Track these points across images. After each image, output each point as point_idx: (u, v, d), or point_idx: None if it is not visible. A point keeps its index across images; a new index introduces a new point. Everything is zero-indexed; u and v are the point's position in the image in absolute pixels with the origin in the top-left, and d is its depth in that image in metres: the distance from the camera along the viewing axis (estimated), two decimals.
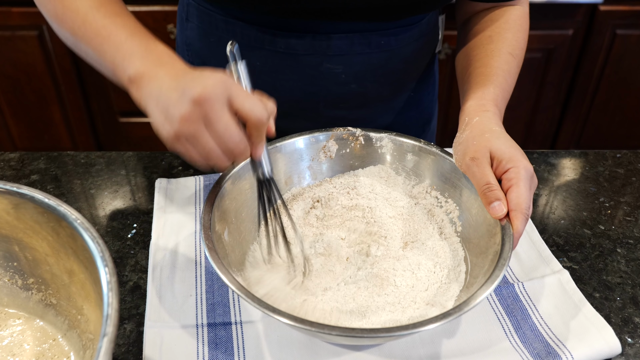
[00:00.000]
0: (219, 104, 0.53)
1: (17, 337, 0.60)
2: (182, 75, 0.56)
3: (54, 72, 1.83)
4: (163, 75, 0.56)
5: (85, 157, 0.93)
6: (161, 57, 0.59)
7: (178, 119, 0.53)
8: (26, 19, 1.71)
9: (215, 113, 0.53)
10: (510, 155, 0.64)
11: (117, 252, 0.75)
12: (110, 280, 0.48)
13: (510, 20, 0.82)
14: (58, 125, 1.96)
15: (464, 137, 0.69)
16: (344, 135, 0.77)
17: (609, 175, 0.92)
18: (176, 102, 0.53)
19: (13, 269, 0.61)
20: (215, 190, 0.67)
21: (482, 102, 0.72)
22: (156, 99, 0.55)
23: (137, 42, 0.61)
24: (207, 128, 0.53)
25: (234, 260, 0.65)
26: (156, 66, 0.58)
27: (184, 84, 0.54)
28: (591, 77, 1.88)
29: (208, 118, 0.53)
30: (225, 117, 0.53)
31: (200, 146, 0.54)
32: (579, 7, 1.73)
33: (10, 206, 0.56)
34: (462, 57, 0.84)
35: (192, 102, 0.52)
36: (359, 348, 0.63)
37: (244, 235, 0.70)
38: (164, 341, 0.63)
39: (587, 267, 0.75)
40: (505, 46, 0.79)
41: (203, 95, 0.52)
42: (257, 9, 0.76)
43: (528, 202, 0.62)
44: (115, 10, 0.65)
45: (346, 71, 0.83)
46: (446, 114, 1.92)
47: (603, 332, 0.64)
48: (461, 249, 0.68)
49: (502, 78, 0.75)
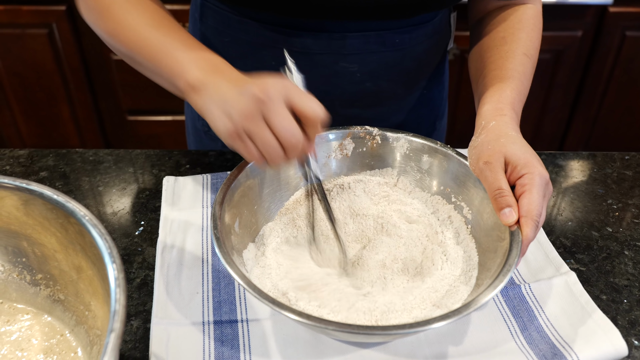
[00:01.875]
0: (278, 100, 0.56)
1: (26, 332, 0.60)
2: (241, 79, 0.59)
3: (63, 70, 1.84)
4: (221, 81, 0.60)
5: (93, 155, 0.93)
6: (218, 65, 0.63)
7: (239, 115, 0.56)
8: (36, 17, 1.72)
9: (275, 108, 0.56)
10: (526, 161, 0.63)
11: (125, 249, 0.76)
12: (118, 276, 0.48)
13: (524, 20, 0.81)
14: (66, 123, 1.97)
15: (479, 141, 0.69)
16: (361, 134, 0.77)
17: (617, 177, 0.92)
18: (237, 100, 0.56)
19: (22, 265, 0.62)
20: (229, 182, 0.68)
21: (499, 106, 0.71)
22: (217, 101, 0.59)
23: (194, 53, 0.64)
24: (267, 123, 0.56)
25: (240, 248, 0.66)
26: (214, 73, 0.61)
27: (243, 84, 0.57)
28: (600, 78, 1.87)
29: (267, 113, 0.56)
30: (284, 112, 0.56)
31: (260, 141, 0.57)
32: (588, 8, 1.73)
33: (19, 202, 0.57)
34: (476, 59, 0.83)
35: (252, 99, 0.56)
36: (364, 346, 0.63)
37: (255, 228, 0.71)
38: (170, 338, 0.63)
39: (595, 269, 0.75)
40: (520, 47, 0.78)
41: (262, 92, 0.55)
42: (272, 9, 0.76)
43: (539, 209, 0.61)
44: (167, 25, 0.68)
45: (361, 70, 0.83)
46: (454, 114, 1.91)
47: (610, 335, 0.64)
48: (475, 255, 0.68)
49: (518, 80, 0.75)
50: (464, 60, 1.80)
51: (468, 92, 1.86)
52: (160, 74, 0.66)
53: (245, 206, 0.70)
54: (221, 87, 0.59)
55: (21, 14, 1.72)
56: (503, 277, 0.57)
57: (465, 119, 1.92)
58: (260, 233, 0.72)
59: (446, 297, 0.63)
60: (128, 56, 0.70)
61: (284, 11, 0.76)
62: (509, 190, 0.63)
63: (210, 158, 0.92)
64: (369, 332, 0.53)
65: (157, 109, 1.94)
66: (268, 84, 0.56)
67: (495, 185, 0.64)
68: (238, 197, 0.69)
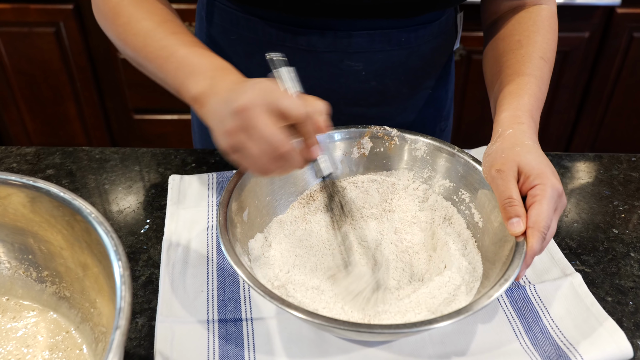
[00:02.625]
0: (257, 111, 0.54)
1: (31, 329, 0.61)
2: (235, 88, 0.58)
3: (70, 69, 1.84)
4: (220, 90, 0.59)
5: (100, 153, 0.93)
6: (220, 70, 0.62)
7: (227, 132, 0.56)
8: (43, 16, 1.73)
9: (253, 120, 0.54)
10: (539, 171, 0.62)
11: (130, 247, 0.76)
12: (123, 273, 0.49)
13: (539, 22, 0.80)
14: (73, 121, 1.97)
15: (494, 149, 0.67)
16: (380, 134, 0.77)
17: (623, 178, 0.91)
18: (224, 117, 0.56)
19: (28, 262, 0.62)
20: (239, 176, 0.69)
21: (517, 114, 0.70)
22: (212, 116, 0.59)
23: (197, 59, 0.64)
24: (250, 136, 0.55)
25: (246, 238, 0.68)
26: (216, 81, 0.61)
27: (230, 98, 0.56)
28: (607, 80, 1.86)
29: (247, 127, 0.55)
30: (265, 121, 0.55)
31: (247, 155, 0.57)
32: (596, 10, 1.72)
33: (26, 199, 0.57)
34: (492, 63, 0.82)
35: (233, 115, 0.55)
36: (368, 344, 0.63)
37: (265, 220, 0.72)
38: (175, 336, 0.63)
39: (600, 271, 0.74)
40: (536, 50, 0.77)
41: (241, 106, 0.54)
42: (279, 7, 0.76)
43: (547, 220, 0.60)
44: (172, 29, 0.68)
45: (366, 68, 0.83)
46: (460, 115, 1.91)
47: (615, 336, 0.64)
48: (480, 267, 0.67)
49: (535, 86, 0.73)
50: (470, 60, 1.80)
51: (474, 92, 1.87)
52: (167, 82, 0.67)
53: (257, 197, 0.71)
54: (219, 100, 0.58)
55: (29, 13, 1.72)
56: (494, 292, 0.56)
57: (471, 119, 1.92)
58: (270, 224, 0.73)
59: (443, 304, 0.63)
60: (136, 62, 0.71)
61: (291, 10, 0.76)
62: (520, 200, 0.62)
63: (216, 157, 0.92)
64: (373, 330, 0.54)
65: (164, 108, 1.94)
66: (249, 94, 0.55)
67: (506, 194, 0.62)
68: (250, 187, 0.70)
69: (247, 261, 0.63)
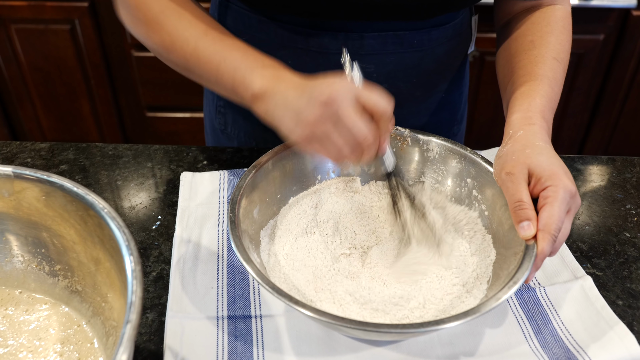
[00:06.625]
0: (346, 102, 0.58)
1: (44, 322, 0.61)
2: (304, 84, 0.61)
3: (85, 66, 1.86)
4: (285, 88, 0.61)
5: (113, 149, 0.94)
6: (278, 71, 0.64)
7: (310, 121, 0.58)
8: (59, 13, 1.75)
9: (344, 111, 0.57)
10: (551, 172, 0.62)
11: (142, 243, 0.77)
12: (134, 268, 0.49)
13: (552, 22, 0.79)
14: (87, 118, 1.99)
15: (504, 151, 0.67)
16: (392, 134, 0.77)
17: (636, 182, 0.91)
18: (306, 107, 0.58)
19: (41, 256, 0.63)
20: (250, 172, 0.69)
21: (528, 115, 0.69)
22: (284, 109, 0.61)
23: (252, 61, 0.66)
24: (337, 126, 0.58)
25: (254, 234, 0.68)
26: (276, 80, 0.63)
27: (310, 91, 0.59)
28: (622, 83, 1.84)
29: (337, 117, 0.58)
30: (352, 113, 0.58)
31: (331, 144, 0.60)
32: (611, 12, 1.71)
33: (40, 194, 0.58)
34: (504, 64, 0.81)
35: (321, 105, 0.57)
36: (377, 344, 0.63)
37: (275, 216, 0.73)
38: (184, 331, 0.64)
39: (611, 274, 0.74)
40: (550, 51, 0.76)
41: (331, 97, 0.57)
42: (292, 10, 0.76)
43: (559, 223, 0.59)
44: (221, 35, 0.69)
45: (378, 71, 0.83)
46: (472, 116, 1.90)
47: (625, 340, 0.63)
48: (491, 268, 0.67)
49: (548, 87, 0.72)
50: (483, 62, 1.79)
51: (487, 94, 1.87)
52: (221, 84, 0.68)
53: (267, 194, 0.72)
54: (288, 96, 0.60)
55: (45, 10, 1.74)
56: (502, 294, 0.56)
57: (483, 121, 1.91)
58: (279, 220, 0.73)
59: (449, 307, 0.63)
60: (184, 68, 0.71)
61: (304, 12, 0.76)
62: (530, 202, 0.61)
63: (228, 155, 0.93)
64: (382, 330, 0.54)
65: (176, 106, 1.96)
66: (334, 87, 0.58)
67: (516, 197, 0.62)
68: (260, 185, 0.70)
69: (256, 258, 0.63)
